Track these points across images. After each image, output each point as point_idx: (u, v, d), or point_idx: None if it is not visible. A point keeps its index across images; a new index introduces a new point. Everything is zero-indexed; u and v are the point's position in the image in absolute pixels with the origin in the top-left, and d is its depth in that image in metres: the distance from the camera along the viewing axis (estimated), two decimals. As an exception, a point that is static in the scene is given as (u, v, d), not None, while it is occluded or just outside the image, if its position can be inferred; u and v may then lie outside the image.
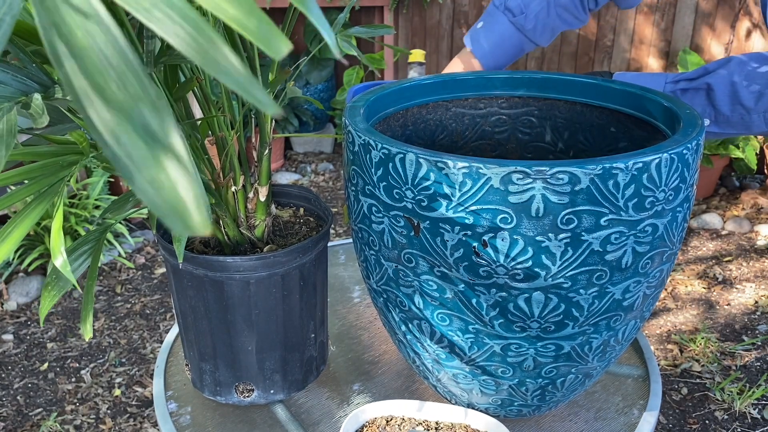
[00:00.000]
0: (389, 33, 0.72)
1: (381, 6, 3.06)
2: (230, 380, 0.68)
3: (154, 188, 0.20)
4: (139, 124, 0.20)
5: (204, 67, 0.21)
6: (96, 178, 2.19)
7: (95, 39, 0.21)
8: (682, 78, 0.82)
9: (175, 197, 0.20)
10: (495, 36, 0.97)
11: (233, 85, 0.20)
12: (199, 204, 0.20)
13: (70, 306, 2.00)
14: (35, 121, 0.32)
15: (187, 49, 0.21)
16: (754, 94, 0.77)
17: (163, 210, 0.20)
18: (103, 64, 0.21)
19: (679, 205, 0.52)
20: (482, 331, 0.55)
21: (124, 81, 0.21)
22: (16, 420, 1.56)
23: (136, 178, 0.20)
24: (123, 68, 0.21)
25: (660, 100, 0.62)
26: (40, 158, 0.44)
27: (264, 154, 0.64)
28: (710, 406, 1.56)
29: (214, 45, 0.21)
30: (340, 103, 3.12)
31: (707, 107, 0.80)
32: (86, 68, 0.21)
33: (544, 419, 0.68)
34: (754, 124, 0.79)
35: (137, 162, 0.20)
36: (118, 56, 0.21)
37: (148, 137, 0.20)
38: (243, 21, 0.21)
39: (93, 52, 0.21)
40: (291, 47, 0.22)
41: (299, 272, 0.64)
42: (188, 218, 0.20)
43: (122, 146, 0.20)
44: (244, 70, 0.21)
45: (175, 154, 0.20)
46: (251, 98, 0.20)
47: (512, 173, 0.47)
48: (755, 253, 2.22)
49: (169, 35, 0.21)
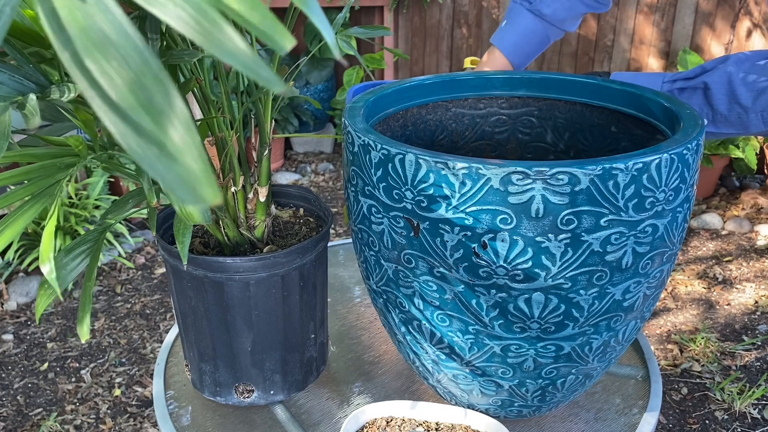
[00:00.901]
0: (387, 34, 0.72)
1: (381, 6, 3.06)
2: (230, 381, 0.68)
3: (163, 161, 0.20)
4: (144, 98, 0.20)
5: (209, 49, 0.20)
6: (96, 178, 2.19)
7: (94, 19, 0.21)
8: (679, 77, 0.82)
9: (185, 168, 0.20)
10: (517, 28, 0.98)
11: (239, 66, 0.20)
12: (208, 174, 0.20)
13: (70, 306, 2.00)
14: (28, 121, 0.32)
15: (191, 32, 0.21)
16: (751, 93, 0.76)
17: (172, 182, 0.20)
18: (103, 42, 0.21)
19: (680, 206, 0.52)
20: (482, 331, 0.55)
21: (126, 57, 0.21)
22: (16, 420, 1.56)
23: (144, 153, 0.20)
24: (124, 44, 0.21)
25: (660, 100, 0.62)
26: (38, 160, 0.44)
27: (264, 155, 0.64)
28: (710, 406, 1.56)
29: (218, 27, 0.21)
30: (340, 103, 3.11)
31: (704, 106, 0.80)
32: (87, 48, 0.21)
33: (544, 420, 0.68)
34: (752, 124, 0.78)
35: (145, 136, 0.20)
36: (117, 33, 0.21)
37: (153, 110, 0.20)
38: (246, 16, 0.21)
39: (93, 31, 0.21)
40: (294, 42, 0.22)
41: (299, 273, 0.64)
42: (199, 188, 0.20)
43: (129, 122, 0.20)
44: (250, 51, 0.21)
45: (181, 125, 0.20)
46: (257, 77, 0.20)
47: (512, 174, 0.47)
48: (755, 253, 2.22)
49: (171, 19, 0.21)
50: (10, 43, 0.42)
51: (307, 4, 0.22)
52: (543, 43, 0.99)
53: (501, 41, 0.99)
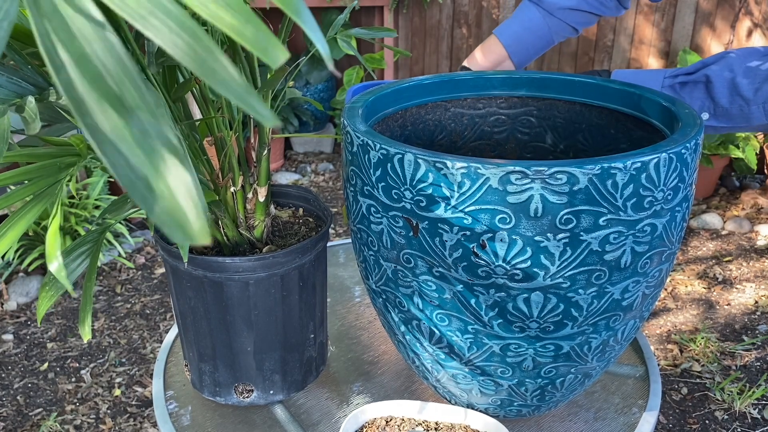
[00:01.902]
0: (391, 36, 0.72)
1: (381, 6, 3.06)
2: (230, 381, 0.68)
3: (153, 197, 0.20)
4: (137, 131, 0.20)
5: (201, 77, 0.20)
6: (96, 178, 2.19)
7: (93, 47, 0.21)
8: (680, 72, 0.82)
9: (174, 206, 0.20)
10: (519, 20, 0.98)
11: (231, 96, 0.20)
12: (199, 212, 0.20)
13: (70, 306, 2.00)
14: (28, 127, 0.32)
15: (185, 58, 0.21)
16: (753, 84, 0.76)
17: (162, 219, 0.20)
18: (101, 72, 0.21)
19: (678, 205, 0.52)
20: (481, 331, 0.55)
21: (122, 88, 0.21)
22: (16, 420, 1.56)
23: (135, 187, 0.20)
24: (121, 76, 0.21)
25: (659, 99, 0.62)
26: (38, 160, 0.44)
27: (263, 155, 0.64)
28: (710, 406, 1.56)
29: (212, 54, 0.21)
30: (339, 103, 3.12)
31: (706, 100, 0.80)
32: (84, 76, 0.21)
33: (543, 419, 0.68)
34: (754, 116, 0.78)
35: (136, 170, 0.20)
36: (116, 64, 0.21)
37: (146, 145, 0.20)
38: (240, 29, 0.21)
39: (91, 60, 0.21)
40: (288, 56, 0.22)
41: (298, 273, 0.64)
42: (188, 227, 0.20)
43: (120, 155, 0.20)
44: (242, 81, 0.21)
45: (174, 162, 0.20)
46: (249, 109, 0.20)
47: (511, 173, 0.47)
48: (755, 253, 2.22)
49: (166, 44, 0.21)
50: (9, 44, 0.42)
51: (301, 15, 0.22)
52: (543, 39, 0.99)
53: (501, 31, 0.99)
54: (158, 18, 0.21)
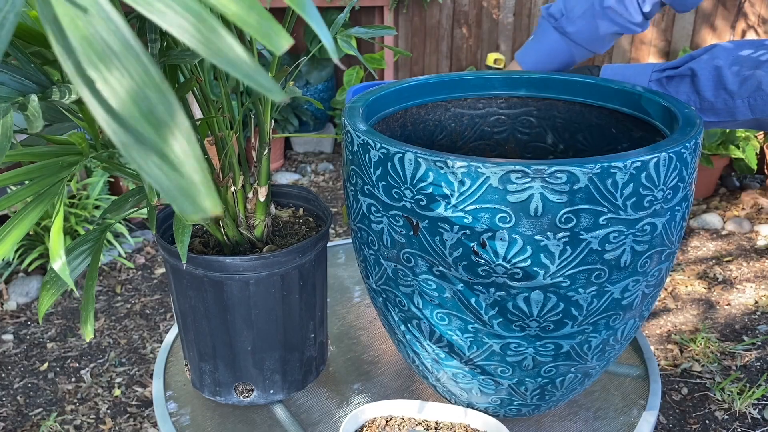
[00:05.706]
0: (390, 34, 0.72)
1: (381, 6, 3.06)
2: (230, 380, 0.68)
3: (164, 172, 0.20)
4: (145, 108, 0.21)
5: (209, 58, 0.21)
6: (96, 178, 2.19)
7: (96, 28, 0.21)
8: (667, 66, 0.81)
9: (185, 179, 0.20)
10: (541, 46, 0.95)
11: (239, 74, 0.20)
12: (209, 185, 0.20)
13: (70, 306, 2.00)
14: (30, 125, 0.32)
15: (191, 40, 0.21)
16: (738, 78, 0.75)
17: (173, 193, 0.20)
18: (105, 52, 0.21)
19: (678, 204, 0.52)
20: (481, 330, 0.55)
21: (128, 67, 0.21)
22: (16, 420, 1.56)
23: (145, 163, 0.20)
24: (125, 54, 0.21)
25: (658, 99, 0.62)
26: (40, 159, 0.44)
27: (263, 155, 0.64)
28: (710, 406, 1.56)
29: (218, 35, 0.21)
30: (340, 103, 3.12)
31: (692, 94, 0.79)
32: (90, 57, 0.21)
33: (543, 419, 0.68)
34: (738, 111, 0.77)
35: (146, 146, 0.20)
36: (120, 43, 0.21)
37: (155, 120, 0.20)
38: (244, 16, 0.21)
39: (95, 41, 0.21)
40: (292, 42, 0.22)
41: (298, 272, 0.64)
42: (199, 199, 0.20)
43: (130, 132, 0.20)
44: (249, 59, 0.21)
45: (183, 136, 0.21)
46: (257, 85, 0.20)
47: (511, 172, 0.47)
48: (755, 253, 2.22)
49: (171, 26, 0.21)
50: (12, 43, 0.42)
51: (305, 9, 0.22)
52: (567, 63, 0.96)
53: (523, 58, 0.97)
54: (163, 1, 0.21)
